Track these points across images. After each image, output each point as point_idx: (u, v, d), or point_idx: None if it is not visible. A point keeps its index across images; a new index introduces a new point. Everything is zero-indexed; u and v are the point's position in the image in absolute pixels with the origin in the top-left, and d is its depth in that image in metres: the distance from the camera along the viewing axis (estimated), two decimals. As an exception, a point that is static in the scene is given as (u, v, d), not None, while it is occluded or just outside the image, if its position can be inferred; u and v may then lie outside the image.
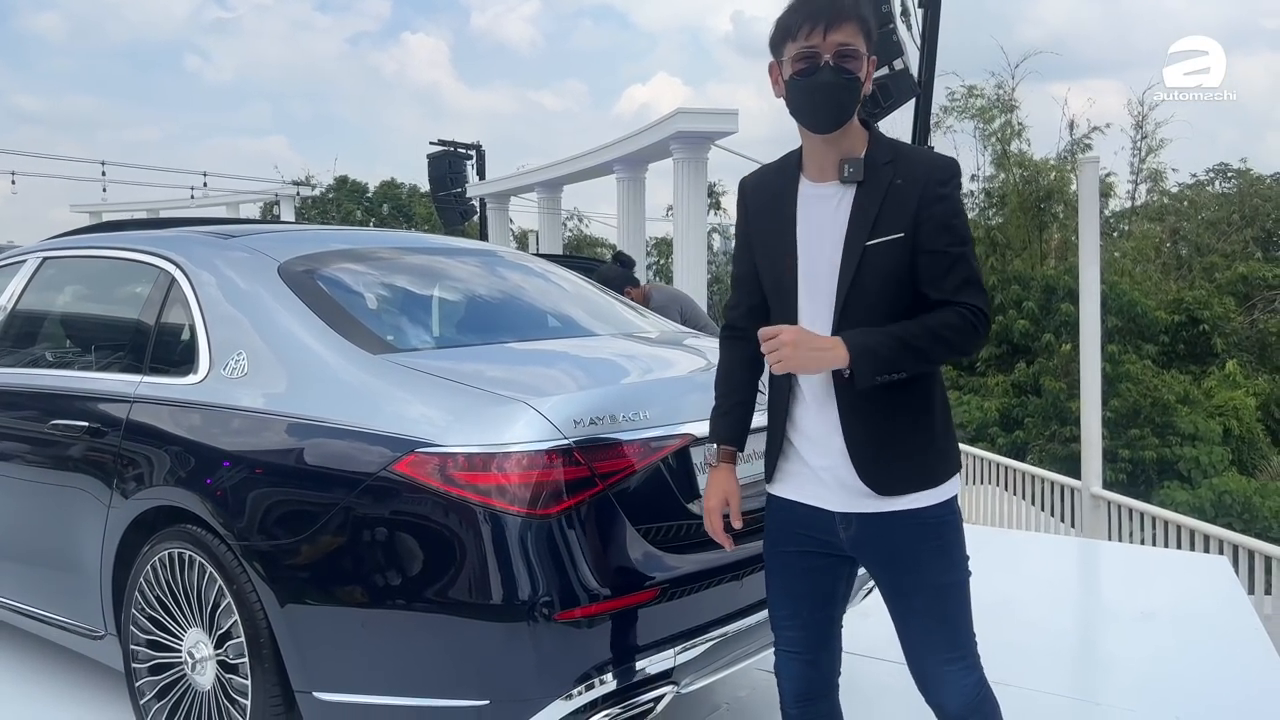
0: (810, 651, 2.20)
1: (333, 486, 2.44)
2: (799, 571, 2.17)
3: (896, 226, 2.00)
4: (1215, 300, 21.76)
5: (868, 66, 2.05)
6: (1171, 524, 7.28)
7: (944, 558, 2.08)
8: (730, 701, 3.33)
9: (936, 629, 2.10)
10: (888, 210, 2.01)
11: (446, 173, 20.42)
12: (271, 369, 2.71)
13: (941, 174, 2.03)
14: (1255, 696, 3.48)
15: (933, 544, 2.06)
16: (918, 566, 2.07)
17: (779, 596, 2.21)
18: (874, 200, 2.02)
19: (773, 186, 2.17)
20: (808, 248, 2.06)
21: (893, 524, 2.05)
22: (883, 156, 2.05)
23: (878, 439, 2.03)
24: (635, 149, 13.13)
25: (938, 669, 2.11)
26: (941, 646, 2.10)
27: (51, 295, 3.75)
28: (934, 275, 2.00)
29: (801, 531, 2.14)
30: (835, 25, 1.99)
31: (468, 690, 2.28)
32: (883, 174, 2.04)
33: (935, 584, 2.08)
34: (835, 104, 2.01)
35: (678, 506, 2.54)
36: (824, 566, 2.16)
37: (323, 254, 3.14)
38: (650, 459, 2.48)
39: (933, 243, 2.00)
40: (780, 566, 2.20)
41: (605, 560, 2.33)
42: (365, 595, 2.39)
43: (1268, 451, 19.37)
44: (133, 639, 2.87)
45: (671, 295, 5.99)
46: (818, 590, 2.18)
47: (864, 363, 1.94)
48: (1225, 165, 28.25)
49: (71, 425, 3.09)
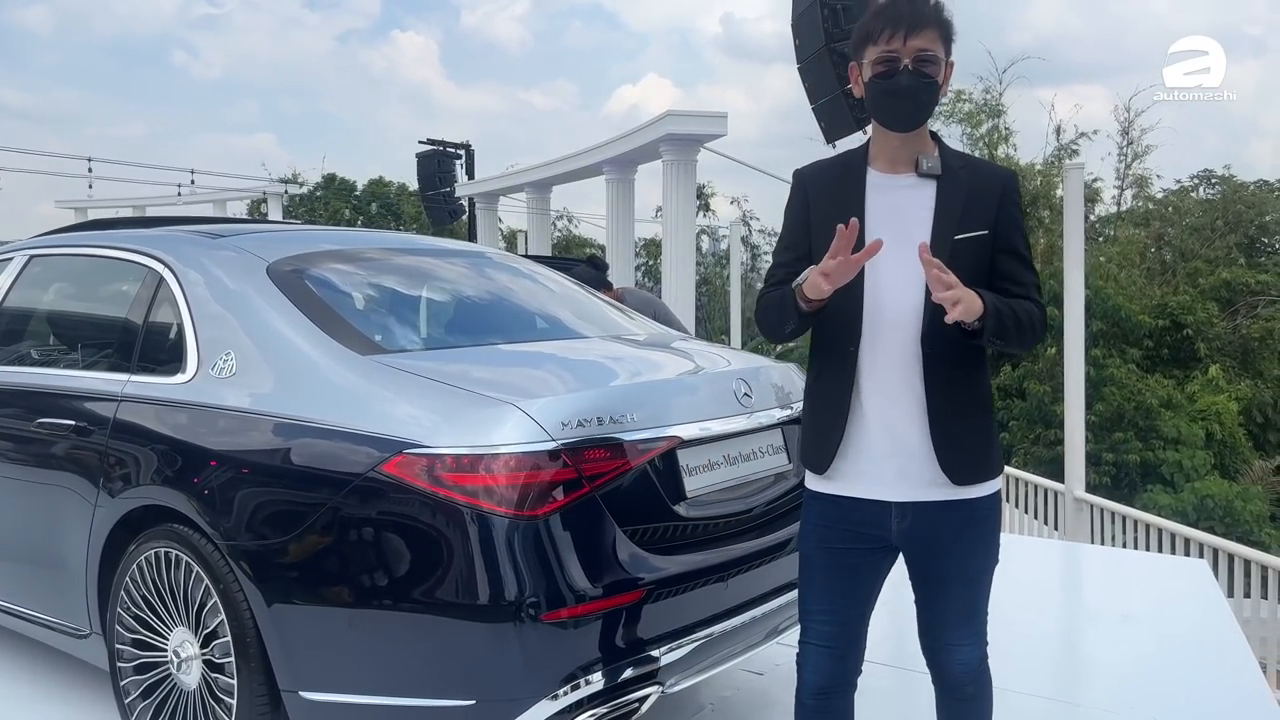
0: (840, 647, 2.25)
1: (320, 487, 2.45)
2: (846, 569, 2.21)
3: (981, 224, 2.12)
4: (1199, 305, 21.90)
5: (946, 70, 2.14)
6: (1153, 527, 7.36)
7: (985, 546, 2.21)
8: (715, 702, 3.35)
9: (962, 612, 2.23)
10: (972, 208, 2.13)
11: (435, 172, 20.40)
12: (260, 369, 2.71)
13: (1013, 182, 2.21)
14: (1232, 699, 3.53)
15: (980, 532, 2.20)
16: (962, 553, 2.18)
17: (818, 591, 2.24)
18: (957, 197, 2.13)
19: (835, 175, 2.24)
20: (880, 232, 2.08)
21: (950, 512, 2.15)
22: (955, 160, 2.18)
23: (960, 430, 2.13)
24: (624, 150, 13.15)
25: (951, 646, 2.24)
26: (962, 628, 2.23)
27: (39, 293, 3.74)
28: (1012, 272, 2.15)
29: (853, 528, 2.19)
30: (916, 31, 2.08)
31: (454, 690, 2.30)
32: (960, 174, 2.16)
33: (972, 572, 2.21)
34: (913, 105, 2.12)
35: (664, 508, 2.56)
36: (870, 563, 2.22)
37: (311, 254, 3.15)
38: (637, 461, 2.50)
39: (1009, 243, 2.16)
40: (826, 563, 2.22)
41: (592, 561, 2.35)
42: (352, 595, 2.40)
43: (1249, 455, 19.51)
44: (118, 638, 2.87)
45: (644, 300, 5.98)
46: (860, 587, 2.24)
47: (993, 319, 2.03)
48: (1209, 171, 28.44)
49: (58, 424, 3.09)
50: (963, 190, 2.14)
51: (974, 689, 2.28)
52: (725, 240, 29.21)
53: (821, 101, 7.76)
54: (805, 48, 7.82)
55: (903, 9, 2.09)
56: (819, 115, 7.85)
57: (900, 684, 3.60)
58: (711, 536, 2.68)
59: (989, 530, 2.21)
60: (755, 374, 3.02)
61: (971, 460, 2.15)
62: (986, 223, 2.13)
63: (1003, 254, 2.15)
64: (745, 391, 2.88)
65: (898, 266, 2.10)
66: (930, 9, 2.10)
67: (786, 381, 3.16)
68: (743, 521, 2.80)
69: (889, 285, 2.12)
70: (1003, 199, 2.16)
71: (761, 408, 2.92)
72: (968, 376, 2.15)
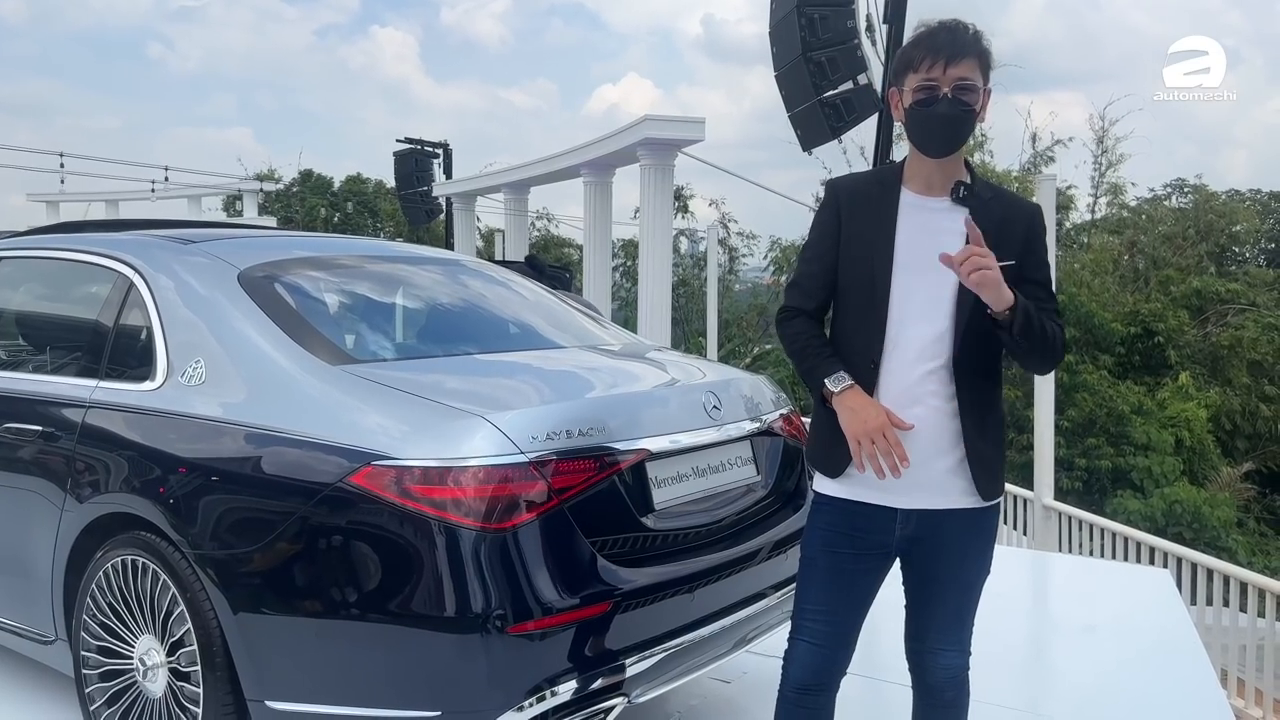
0: (830, 646, 2.30)
1: (288, 496, 2.45)
2: (847, 573, 2.27)
3: (1009, 253, 2.16)
4: (1170, 313, 22.15)
5: (984, 98, 2.20)
6: (1119, 536, 7.46)
7: (981, 557, 2.30)
8: (681, 711, 3.37)
9: (951, 617, 2.32)
10: (1002, 238, 2.17)
11: (413, 171, 20.33)
12: (229, 377, 2.71)
13: (1040, 217, 2.28)
14: (1190, 708, 3.59)
15: (979, 542, 2.29)
16: (960, 558, 2.27)
17: (817, 592, 2.29)
18: (989, 226, 2.16)
19: (870, 191, 2.31)
20: (910, 250, 2.21)
21: (955, 518, 2.23)
22: (986, 189, 2.26)
23: (984, 449, 2.21)
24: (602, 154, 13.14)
25: (937, 650, 2.33)
26: (949, 633, 2.32)
27: (6, 295, 3.71)
28: (1036, 298, 2.19)
29: (859, 534, 2.25)
30: (956, 60, 2.14)
31: (420, 701, 2.31)
32: (991, 205, 2.22)
33: (966, 577, 2.30)
34: (951, 132, 2.19)
35: (632, 520, 2.58)
36: (873, 568, 2.29)
37: (283, 261, 3.14)
38: (606, 474, 2.51)
39: (1034, 274, 2.23)
40: (828, 565, 2.28)
41: (559, 574, 2.36)
42: (319, 605, 2.41)
43: (1217, 462, 19.74)
44: (83, 645, 2.86)
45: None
46: (859, 591, 2.29)
47: (1021, 314, 2.10)
48: (1182, 180, 28.83)
49: (24, 429, 3.07)
50: (995, 220, 2.19)
51: (953, 695, 2.36)
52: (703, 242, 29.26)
53: (797, 109, 7.81)
54: (782, 56, 7.87)
55: (943, 38, 2.15)
56: (795, 123, 7.90)
57: (871, 693, 3.63)
58: (680, 548, 2.69)
59: (987, 539, 2.30)
60: (725, 386, 3.05)
61: (989, 476, 2.24)
62: (1014, 253, 2.19)
63: (1028, 284, 2.21)
64: (715, 404, 2.90)
65: (926, 288, 2.19)
66: (970, 38, 2.17)
67: (756, 393, 3.18)
68: (711, 533, 2.82)
69: (916, 305, 2.20)
70: (1029, 232, 2.24)
71: (731, 420, 2.94)
72: (988, 397, 2.24)
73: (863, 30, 7.62)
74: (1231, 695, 5.94)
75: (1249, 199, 28.64)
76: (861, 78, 7.55)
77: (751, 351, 27.78)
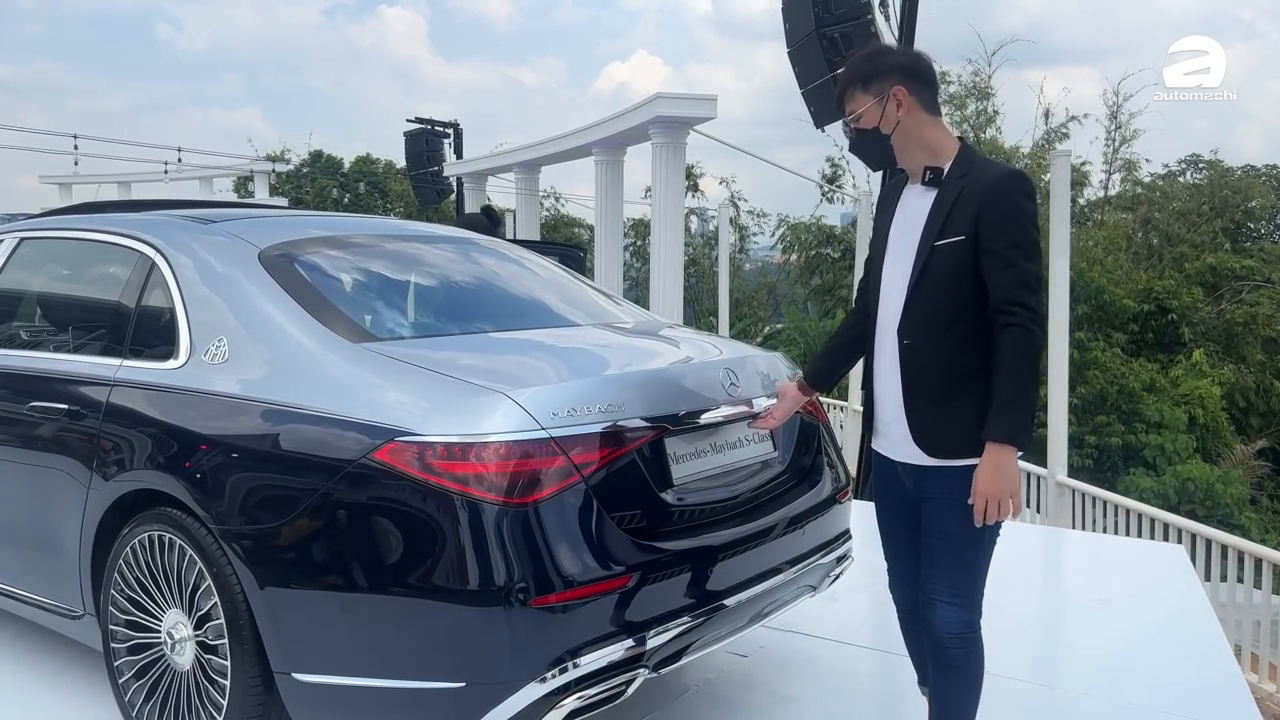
0: (907, 577, 2.66)
1: (312, 473, 2.48)
2: (891, 516, 2.68)
3: (959, 229, 2.35)
4: (1184, 290, 22.02)
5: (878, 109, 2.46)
6: (1133, 512, 7.46)
7: (962, 509, 2.40)
8: (700, 684, 3.41)
9: (939, 566, 2.47)
10: (955, 214, 2.36)
11: (424, 151, 20.25)
12: (252, 355, 2.74)
13: (1003, 184, 2.36)
14: (1205, 683, 3.61)
15: (958, 497, 2.40)
16: (940, 509, 2.46)
17: (883, 534, 2.72)
18: (945, 205, 2.38)
19: (891, 188, 2.63)
20: (895, 243, 2.51)
21: (934, 474, 2.46)
22: (960, 169, 2.41)
23: (931, 411, 2.44)
24: (613, 132, 13.07)
25: (930, 601, 2.49)
26: (938, 580, 2.48)
27: (29, 276, 3.75)
28: (992, 273, 2.34)
29: (889, 482, 2.62)
30: (840, 101, 2.53)
31: (444, 673, 2.34)
32: (953, 183, 2.40)
33: (947, 526, 2.44)
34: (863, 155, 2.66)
35: (651, 496, 2.60)
36: (907, 513, 2.59)
37: (303, 240, 3.17)
38: (625, 449, 2.54)
39: (991, 244, 2.33)
40: (879, 509, 2.71)
41: (580, 547, 2.39)
42: (344, 580, 2.44)
43: (1231, 440, 19.67)
44: (112, 619, 2.91)
45: None
46: (905, 529, 2.62)
47: (1020, 438, 2.33)
48: (1197, 156, 28.48)
49: (50, 407, 3.11)
50: (950, 198, 2.37)
51: (959, 654, 2.45)
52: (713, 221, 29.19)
53: (811, 86, 7.76)
54: (795, 32, 7.81)
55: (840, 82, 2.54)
56: (808, 100, 7.85)
57: (882, 666, 3.67)
58: (698, 523, 2.72)
59: (963, 494, 2.39)
60: (742, 363, 3.07)
61: (946, 439, 2.42)
62: (965, 229, 2.34)
63: (984, 255, 2.34)
64: (732, 381, 2.92)
65: (895, 267, 2.49)
66: (843, 74, 2.51)
67: (773, 370, 3.20)
68: (729, 508, 2.85)
69: (887, 282, 2.52)
70: (983, 203, 2.33)
71: (748, 396, 2.96)
72: (942, 366, 2.42)
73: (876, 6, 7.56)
74: (1246, 670, 5.95)
75: (1264, 174, 28.32)
76: (875, 54, 7.49)
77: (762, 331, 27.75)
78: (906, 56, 2.54)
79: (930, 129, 2.46)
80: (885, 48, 2.61)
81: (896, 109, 2.45)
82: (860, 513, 3.45)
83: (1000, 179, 2.37)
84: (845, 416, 12.33)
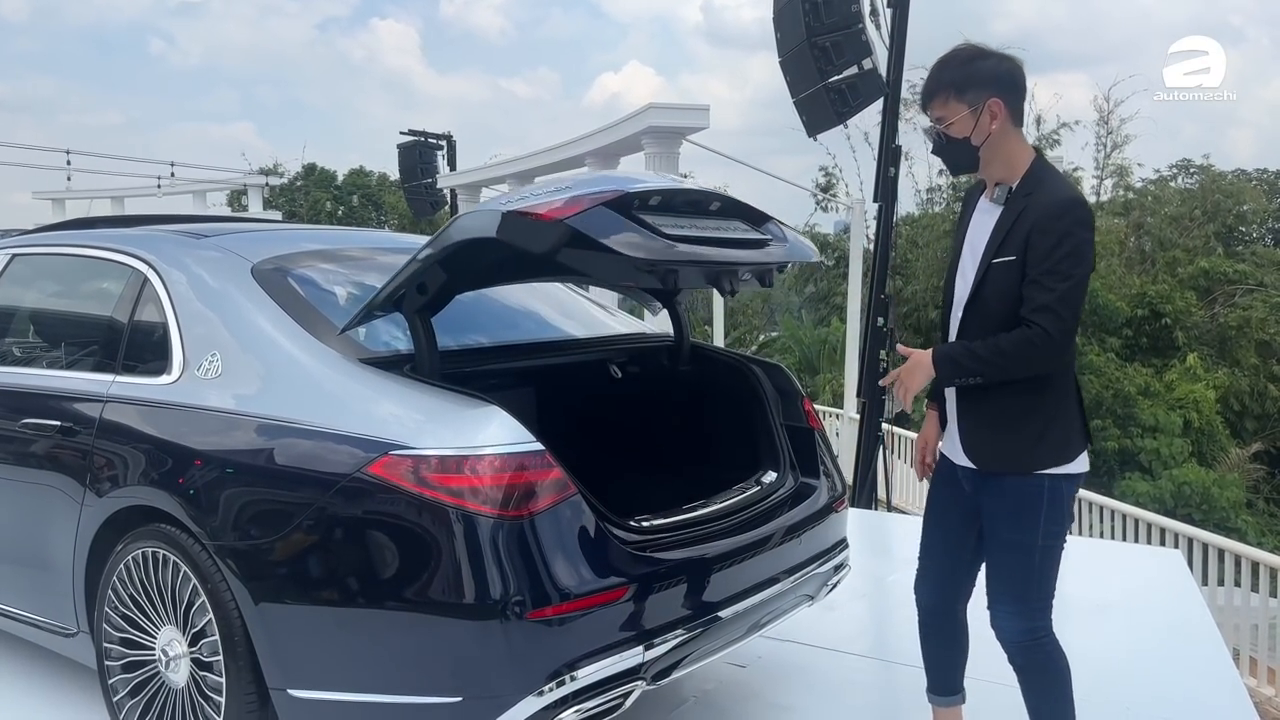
0: (935, 578, 2.70)
1: (306, 487, 2.47)
2: (939, 511, 2.70)
3: (1013, 249, 2.35)
4: (1177, 294, 22.05)
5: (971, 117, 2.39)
6: (1130, 517, 7.47)
7: (1017, 518, 2.44)
8: (698, 695, 3.40)
9: (998, 577, 2.52)
10: (1013, 234, 2.36)
11: (417, 163, 20.28)
12: (245, 370, 2.73)
13: (1055, 209, 2.33)
14: (1204, 688, 3.60)
15: (1010, 506, 2.44)
16: (995, 519, 2.49)
17: (925, 528, 2.73)
18: (1006, 224, 2.39)
19: (968, 195, 2.65)
20: (965, 256, 2.53)
21: (987, 484, 2.49)
22: (1026, 187, 2.39)
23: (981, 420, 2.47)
24: (607, 143, 13.09)
25: (992, 610, 2.53)
26: (997, 592, 2.52)
27: (22, 292, 3.73)
28: (1027, 296, 2.33)
29: (949, 479, 2.62)
30: (926, 103, 2.46)
31: (441, 687, 2.33)
32: (1018, 202, 2.38)
33: (1004, 537, 2.46)
34: (946, 161, 2.53)
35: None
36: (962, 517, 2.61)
37: (295, 254, 3.16)
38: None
39: (1032, 269, 2.33)
40: (930, 502, 2.74)
41: (576, 559, 2.38)
42: (339, 594, 2.43)
43: (1226, 443, 19.67)
44: (106, 636, 2.89)
45: None
46: (952, 533, 2.66)
47: (943, 366, 2.40)
48: (1188, 161, 28.63)
49: (43, 424, 3.09)
50: (1012, 217, 2.38)
51: (1022, 661, 2.53)
52: (708, 230, 29.07)
53: (802, 95, 7.79)
54: (787, 41, 7.85)
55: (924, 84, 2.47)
56: (800, 109, 7.89)
57: (880, 676, 3.66)
58: (694, 534, 2.71)
59: (1019, 507, 2.43)
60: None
61: (993, 452, 2.45)
62: (1017, 249, 2.34)
63: (1026, 280, 2.34)
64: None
65: (962, 281, 2.51)
66: (932, 76, 2.42)
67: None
68: (724, 519, 2.84)
69: (956, 294, 2.54)
70: (1034, 227, 2.33)
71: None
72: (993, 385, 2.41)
73: (867, 14, 7.60)
74: (1244, 674, 5.95)
75: (1255, 179, 28.46)
76: (866, 62, 7.53)
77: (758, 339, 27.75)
78: (1005, 65, 2.41)
79: (1013, 142, 2.42)
80: (983, 51, 2.42)
81: (990, 121, 2.37)
82: (857, 521, 3.44)
83: (1056, 204, 2.33)
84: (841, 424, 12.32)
